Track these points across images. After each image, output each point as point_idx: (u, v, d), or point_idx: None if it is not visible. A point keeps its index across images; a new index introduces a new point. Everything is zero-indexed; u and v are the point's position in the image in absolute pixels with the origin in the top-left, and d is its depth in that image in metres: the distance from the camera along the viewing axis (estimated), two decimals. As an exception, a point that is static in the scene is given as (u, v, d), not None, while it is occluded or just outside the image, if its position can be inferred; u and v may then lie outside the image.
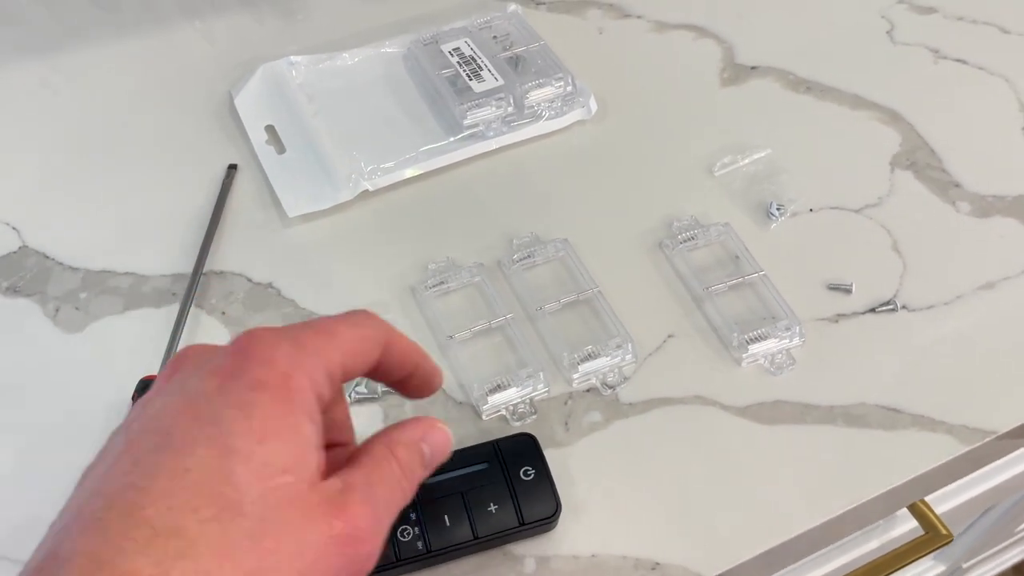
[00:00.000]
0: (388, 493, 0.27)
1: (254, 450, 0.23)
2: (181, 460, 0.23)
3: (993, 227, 0.51)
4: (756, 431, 0.43)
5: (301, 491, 0.24)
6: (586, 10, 0.63)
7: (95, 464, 0.25)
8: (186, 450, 0.23)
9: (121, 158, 0.53)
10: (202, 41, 0.61)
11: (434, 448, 0.29)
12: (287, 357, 0.25)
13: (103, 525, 0.22)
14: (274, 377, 0.25)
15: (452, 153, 0.52)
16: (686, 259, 0.49)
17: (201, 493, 0.23)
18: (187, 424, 0.24)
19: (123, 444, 0.24)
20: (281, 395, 0.25)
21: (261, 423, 0.24)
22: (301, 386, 0.25)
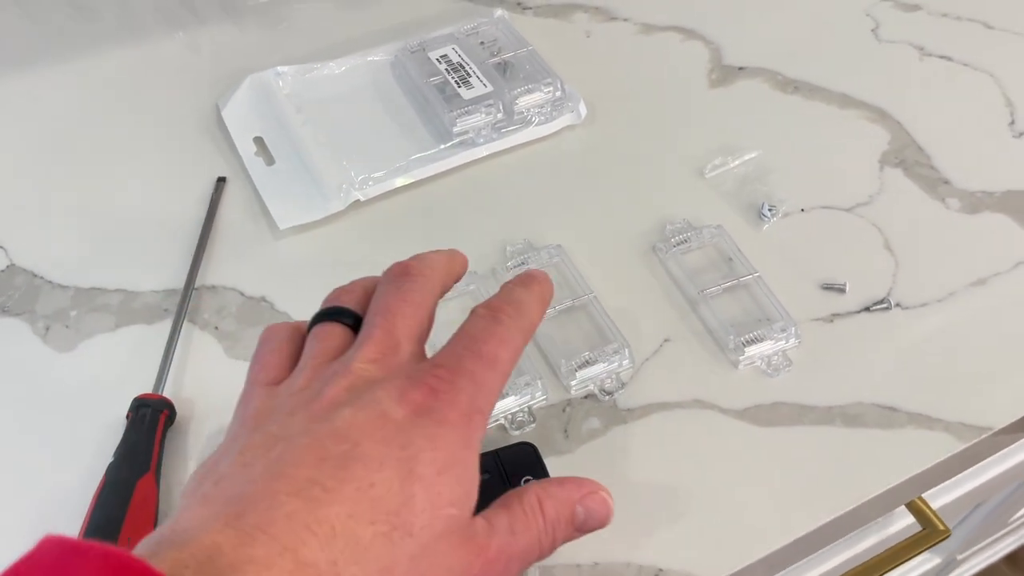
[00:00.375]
0: (525, 545, 0.28)
1: (433, 479, 0.26)
2: (368, 475, 0.25)
3: (983, 223, 0.52)
4: (755, 433, 0.43)
5: (460, 525, 0.27)
6: (572, 14, 0.63)
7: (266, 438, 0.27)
8: (373, 466, 0.25)
9: (108, 173, 0.53)
10: (186, 52, 0.60)
11: (590, 513, 0.30)
12: (469, 399, 0.28)
13: (289, 512, 0.24)
14: (458, 417, 0.27)
15: (442, 161, 0.52)
16: (680, 262, 0.49)
17: (380, 508, 0.25)
18: (377, 443, 0.26)
19: (307, 438, 0.26)
20: (461, 433, 0.27)
21: (443, 455, 0.26)
22: (477, 425, 0.28)
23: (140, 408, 0.40)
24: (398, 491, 0.25)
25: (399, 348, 0.29)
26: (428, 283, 0.32)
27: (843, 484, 0.41)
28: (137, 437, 0.39)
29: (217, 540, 0.23)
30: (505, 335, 0.30)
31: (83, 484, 0.39)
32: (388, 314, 0.30)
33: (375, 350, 0.29)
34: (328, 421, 0.26)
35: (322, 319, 0.32)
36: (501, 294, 0.32)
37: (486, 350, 0.29)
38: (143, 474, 0.38)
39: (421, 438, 0.26)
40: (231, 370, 0.44)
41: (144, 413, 0.40)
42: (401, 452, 0.26)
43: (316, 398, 0.28)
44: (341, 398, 0.27)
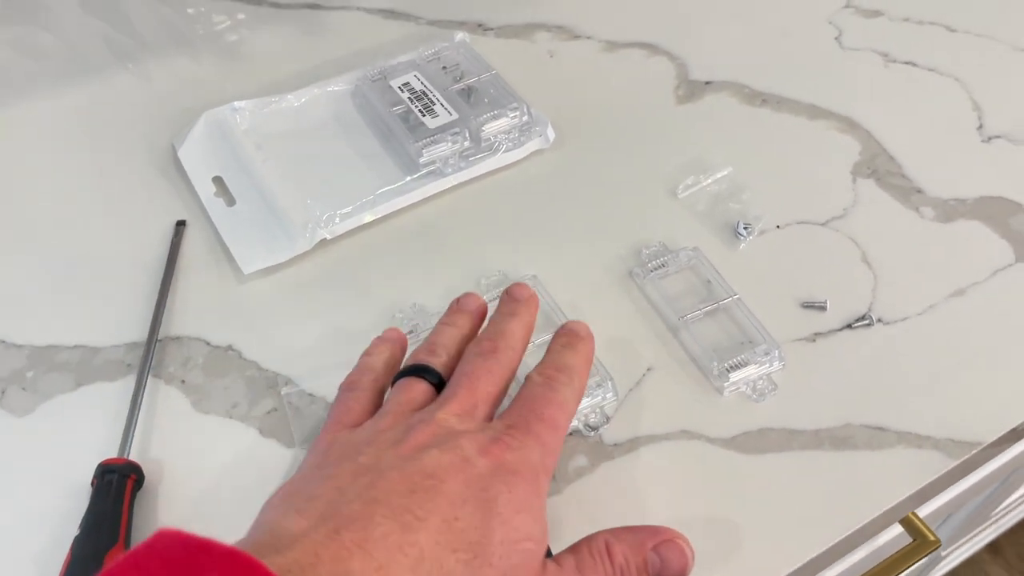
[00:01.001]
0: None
1: (511, 517, 0.29)
2: (453, 509, 0.29)
3: (958, 231, 0.51)
4: (744, 462, 0.42)
5: (534, 560, 0.30)
6: (534, 33, 0.62)
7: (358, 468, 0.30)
8: (458, 502, 0.29)
9: (59, 222, 0.50)
10: (137, 89, 0.58)
11: (665, 562, 0.32)
12: (539, 457, 0.32)
13: (384, 532, 0.27)
14: (529, 471, 0.31)
15: (410, 193, 0.50)
16: (658, 287, 0.48)
17: (463, 539, 0.28)
18: (460, 483, 0.30)
19: (398, 472, 0.30)
20: (532, 484, 0.31)
21: (518, 499, 0.30)
22: (544, 480, 0.32)
23: (105, 474, 0.38)
24: (479, 525, 0.29)
25: (477, 409, 0.34)
26: (510, 361, 0.36)
27: (837, 509, 0.40)
28: (103, 507, 0.37)
29: (318, 550, 0.25)
30: (562, 401, 0.34)
31: (48, 558, 0.37)
32: (473, 378, 0.34)
33: (458, 407, 0.33)
34: (416, 460, 0.30)
35: (409, 374, 0.36)
36: (552, 358, 0.36)
37: (548, 414, 0.33)
38: (112, 546, 0.36)
39: (500, 483, 0.30)
40: (200, 425, 0.42)
41: (110, 479, 0.38)
42: (482, 493, 0.29)
43: (403, 440, 0.31)
44: (427, 442, 0.31)
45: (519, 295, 0.39)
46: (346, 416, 0.35)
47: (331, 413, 0.36)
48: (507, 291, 0.40)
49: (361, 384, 0.37)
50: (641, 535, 0.32)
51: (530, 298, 0.39)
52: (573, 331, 0.38)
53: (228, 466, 0.40)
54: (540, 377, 0.35)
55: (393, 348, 0.39)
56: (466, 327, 0.39)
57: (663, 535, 0.32)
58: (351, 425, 0.34)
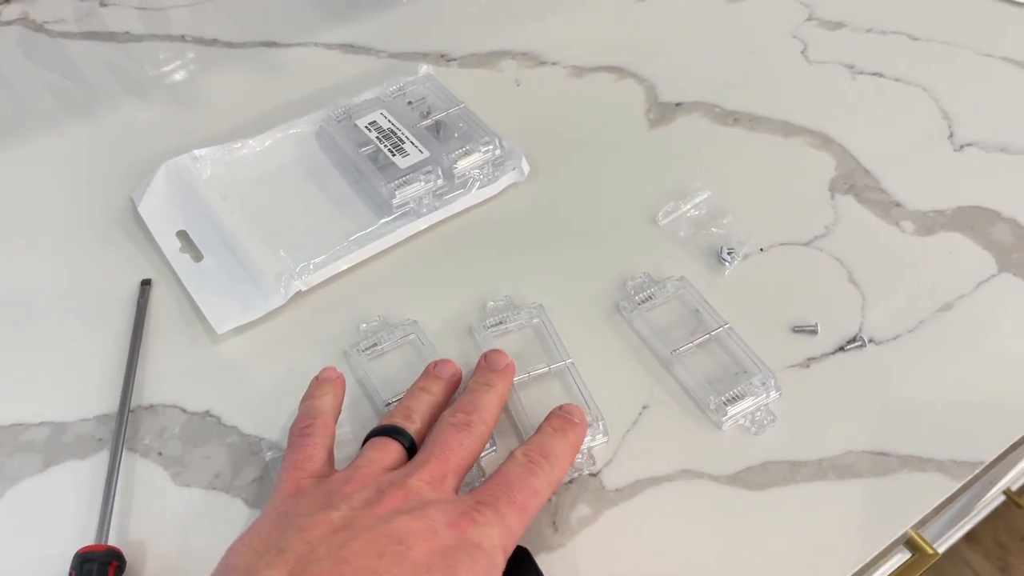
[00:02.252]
0: None
1: None
2: (417, 573, 0.30)
3: (939, 243, 0.51)
4: (749, 499, 0.41)
5: None
6: (500, 61, 0.61)
7: (333, 527, 0.32)
8: (422, 569, 0.31)
9: (14, 286, 0.48)
10: (89, 140, 0.56)
11: None
12: (500, 536, 0.33)
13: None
14: (489, 547, 0.33)
15: (385, 237, 0.49)
16: (647, 320, 0.46)
17: None
18: (426, 551, 0.31)
19: (368, 533, 0.31)
20: (489, 559, 0.32)
21: (478, 571, 0.32)
22: (499, 559, 0.33)
23: (84, 564, 0.36)
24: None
25: (447, 479, 0.35)
26: (482, 435, 0.37)
27: (847, 539, 0.39)
28: (85, 600, 0.35)
29: None
30: (537, 487, 0.35)
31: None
32: (446, 449, 0.36)
33: (429, 475, 0.34)
34: (387, 523, 0.32)
35: (383, 433, 0.37)
36: (540, 439, 0.37)
37: (519, 499, 0.34)
38: (97, 645, 0.33)
39: (462, 554, 0.32)
40: (182, 500, 0.40)
41: (90, 569, 0.36)
42: (445, 561, 0.31)
43: (377, 501, 0.33)
44: (399, 507, 0.33)
45: (496, 364, 0.41)
46: (308, 463, 0.36)
47: (289, 458, 0.36)
48: (485, 357, 0.41)
49: (315, 429, 0.38)
50: None
51: (507, 367, 0.41)
52: (567, 416, 0.39)
53: (215, 543, 0.38)
54: (523, 458, 0.36)
55: (334, 388, 0.40)
56: (440, 394, 0.40)
57: None
58: (314, 472, 0.36)
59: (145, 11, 0.64)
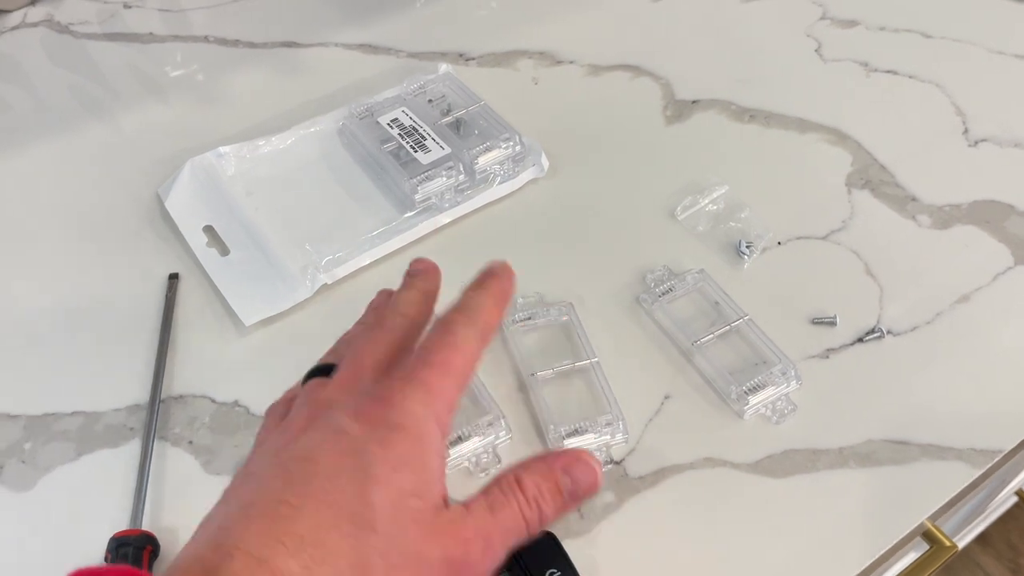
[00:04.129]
0: (506, 521, 0.29)
1: (390, 477, 0.27)
2: (327, 487, 0.27)
3: (955, 237, 0.52)
4: (771, 486, 0.41)
5: (426, 514, 0.28)
6: (517, 61, 0.62)
7: (244, 479, 0.29)
8: (332, 478, 0.27)
9: (46, 282, 0.49)
10: (113, 139, 0.57)
11: (577, 480, 0.30)
12: (421, 405, 0.29)
13: (261, 529, 0.26)
14: (411, 422, 0.29)
15: (408, 232, 0.50)
16: (667, 312, 0.47)
17: (341, 514, 0.27)
18: (334, 456, 0.28)
19: (275, 467, 0.28)
20: (414, 435, 0.29)
21: (396, 458, 0.28)
22: (430, 429, 0.29)
23: (120, 547, 0.36)
24: (355, 495, 0.27)
25: (363, 377, 0.31)
26: (398, 326, 0.33)
27: (868, 527, 0.40)
28: (121, 583, 0.35)
29: (202, 559, 0.25)
30: (456, 342, 0.31)
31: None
32: (357, 351, 0.33)
33: (339, 382, 0.32)
34: (292, 448, 0.29)
35: (311, 376, 0.34)
36: (457, 302, 0.33)
37: (438, 359, 0.30)
38: (134, 626, 0.34)
39: (374, 444, 0.28)
40: (212, 488, 0.40)
41: (125, 552, 0.36)
42: (356, 460, 0.28)
43: (285, 432, 0.30)
44: (303, 426, 0.30)
45: (414, 269, 0.37)
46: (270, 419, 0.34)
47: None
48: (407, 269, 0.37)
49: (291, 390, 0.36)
50: (548, 460, 0.30)
51: (427, 269, 0.37)
52: (486, 270, 0.34)
53: (246, 529, 0.39)
54: (437, 321, 0.32)
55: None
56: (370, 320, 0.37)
57: (569, 455, 0.31)
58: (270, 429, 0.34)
59: (167, 13, 0.65)
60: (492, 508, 0.29)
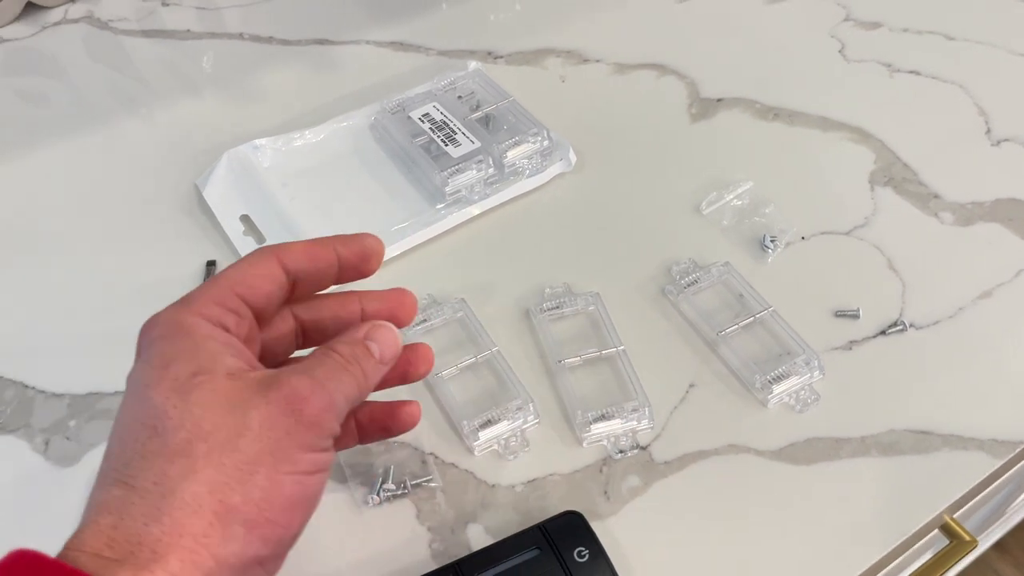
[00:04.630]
0: (329, 371, 0.31)
1: (161, 375, 0.29)
2: (117, 423, 0.30)
3: (978, 234, 0.52)
4: (794, 473, 0.42)
5: (219, 383, 0.29)
6: (544, 59, 0.63)
7: None
8: (119, 415, 0.30)
9: (89, 268, 0.50)
10: (151, 132, 0.58)
11: (382, 344, 0.33)
12: (171, 311, 0.31)
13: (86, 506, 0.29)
14: (165, 328, 0.31)
15: (438, 223, 0.51)
16: (692, 303, 0.48)
17: (135, 427, 0.28)
18: (125, 399, 0.30)
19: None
20: (173, 334, 0.30)
21: (160, 358, 0.30)
22: (191, 323, 0.31)
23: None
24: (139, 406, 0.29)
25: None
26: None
27: (890, 514, 0.41)
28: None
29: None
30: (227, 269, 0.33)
31: None
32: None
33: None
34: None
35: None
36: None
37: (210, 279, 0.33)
38: None
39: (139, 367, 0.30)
40: (249, 466, 0.42)
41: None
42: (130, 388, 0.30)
43: None
44: None
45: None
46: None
47: None
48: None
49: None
50: (351, 331, 0.33)
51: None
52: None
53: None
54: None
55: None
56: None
57: (368, 325, 0.33)
58: None
59: (203, 10, 0.67)
60: (309, 366, 0.31)
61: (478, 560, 0.37)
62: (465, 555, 0.38)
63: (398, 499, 0.41)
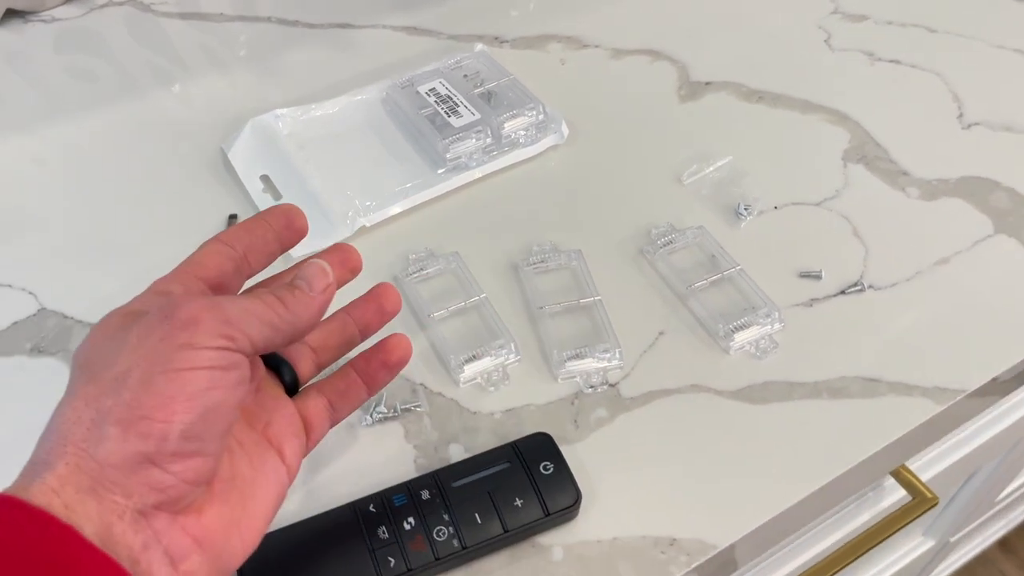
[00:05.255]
0: (234, 303, 0.32)
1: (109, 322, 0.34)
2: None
3: (941, 208, 0.56)
4: (749, 411, 0.46)
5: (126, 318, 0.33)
6: (547, 44, 0.68)
7: None
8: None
9: (124, 217, 0.56)
10: (184, 105, 0.64)
11: (306, 277, 0.35)
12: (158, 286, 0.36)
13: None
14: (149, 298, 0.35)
15: (439, 185, 0.56)
16: (667, 262, 0.52)
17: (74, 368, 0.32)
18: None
19: None
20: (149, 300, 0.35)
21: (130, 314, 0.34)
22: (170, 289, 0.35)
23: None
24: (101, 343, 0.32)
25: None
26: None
27: (835, 450, 0.45)
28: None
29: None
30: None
31: None
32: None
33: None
34: None
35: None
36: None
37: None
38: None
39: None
40: (259, 390, 0.47)
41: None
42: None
43: None
44: None
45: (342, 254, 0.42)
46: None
47: None
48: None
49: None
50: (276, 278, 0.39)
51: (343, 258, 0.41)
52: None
53: (285, 423, 0.45)
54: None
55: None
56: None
57: (293, 269, 0.38)
58: None
59: (236, -4, 0.73)
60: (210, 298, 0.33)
61: (455, 471, 0.42)
62: (443, 466, 0.42)
63: (389, 421, 0.45)
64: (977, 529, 1.09)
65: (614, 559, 0.41)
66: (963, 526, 0.96)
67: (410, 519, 0.40)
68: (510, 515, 0.40)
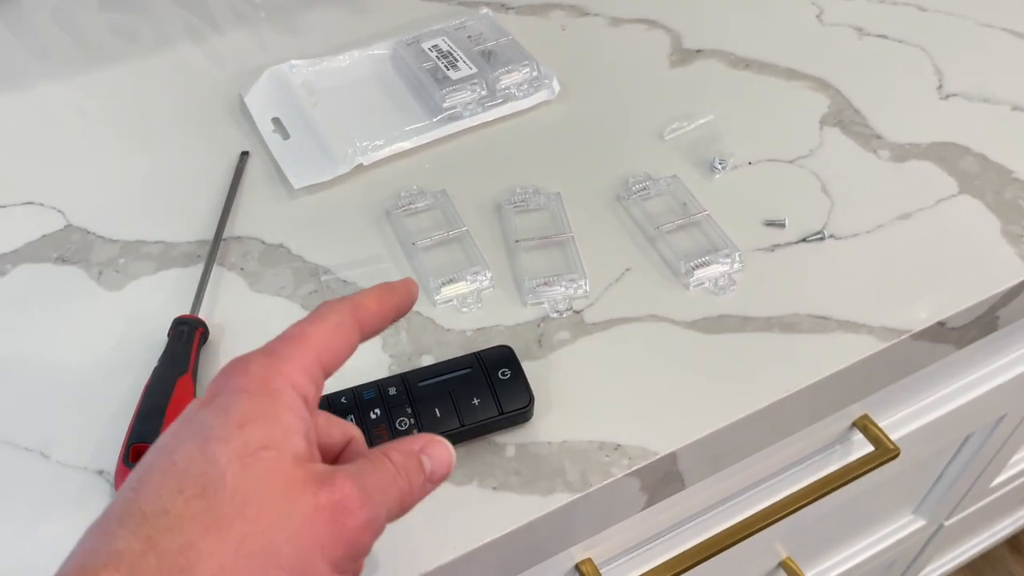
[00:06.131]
0: (380, 481, 0.30)
1: (233, 433, 0.28)
2: (169, 456, 0.28)
3: (910, 169, 0.59)
4: (702, 340, 0.49)
5: (283, 465, 0.28)
6: (549, 12, 0.72)
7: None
8: (174, 448, 0.28)
9: (149, 152, 0.61)
10: (211, 58, 0.69)
11: (435, 460, 0.32)
12: (262, 366, 0.30)
13: (101, 526, 0.26)
14: (252, 383, 0.29)
15: (434, 131, 0.60)
16: (640, 207, 0.56)
17: (186, 478, 0.27)
18: (178, 433, 0.28)
19: (139, 470, 0.28)
20: (259, 392, 0.29)
21: (239, 415, 0.28)
22: (279, 386, 0.29)
23: (179, 325, 0.48)
24: (199, 456, 0.27)
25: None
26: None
27: (780, 378, 0.48)
28: (177, 347, 0.46)
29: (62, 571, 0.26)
30: (316, 317, 0.33)
31: (133, 386, 0.46)
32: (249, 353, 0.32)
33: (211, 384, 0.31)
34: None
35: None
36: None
37: (292, 331, 0.32)
38: (182, 374, 0.45)
39: (213, 411, 0.29)
40: (254, 301, 0.51)
41: (183, 329, 0.47)
42: (196, 428, 0.28)
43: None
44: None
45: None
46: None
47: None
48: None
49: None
50: (408, 441, 0.32)
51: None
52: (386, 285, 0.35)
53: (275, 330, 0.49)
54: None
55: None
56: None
57: (425, 437, 0.33)
58: None
59: (265, -37, 0.78)
60: (362, 471, 0.30)
61: (421, 373, 0.46)
62: (411, 369, 0.46)
63: (369, 333, 0.50)
64: (978, 519, 1.09)
65: (561, 459, 0.44)
66: (956, 509, 0.97)
67: (376, 410, 0.44)
68: (467, 412, 0.44)
